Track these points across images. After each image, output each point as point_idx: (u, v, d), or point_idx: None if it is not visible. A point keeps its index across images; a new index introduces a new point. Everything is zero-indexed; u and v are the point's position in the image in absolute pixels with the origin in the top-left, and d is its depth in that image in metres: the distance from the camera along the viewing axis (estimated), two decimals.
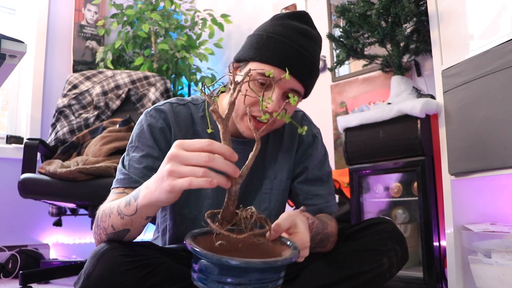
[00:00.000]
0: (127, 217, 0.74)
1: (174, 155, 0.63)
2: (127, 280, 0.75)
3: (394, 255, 0.91)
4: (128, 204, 0.73)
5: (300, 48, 0.88)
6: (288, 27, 0.90)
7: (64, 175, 1.65)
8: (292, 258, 0.63)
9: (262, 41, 0.89)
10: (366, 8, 1.77)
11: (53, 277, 1.97)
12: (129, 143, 0.96)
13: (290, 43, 0.88)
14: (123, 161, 0.94)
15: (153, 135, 0.94)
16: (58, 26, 2.84)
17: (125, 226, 0.76)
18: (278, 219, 0.72)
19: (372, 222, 0.96)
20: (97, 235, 0.82)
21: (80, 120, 2.12)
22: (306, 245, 0.72)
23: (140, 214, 0.72)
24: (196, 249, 0.60)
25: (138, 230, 0.78)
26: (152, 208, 0.71)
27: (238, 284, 0.60)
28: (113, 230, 0.78)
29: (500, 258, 1.28)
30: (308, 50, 0.90)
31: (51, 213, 2.13)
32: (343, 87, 2.37)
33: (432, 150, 1.60)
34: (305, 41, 0.90)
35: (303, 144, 1.07)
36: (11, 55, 1.01)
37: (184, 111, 0.99)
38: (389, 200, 1.82)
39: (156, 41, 2.78)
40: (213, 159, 0.61)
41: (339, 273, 0.87)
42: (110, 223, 0.77)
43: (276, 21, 0.93)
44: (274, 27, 0.91)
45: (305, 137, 1.07)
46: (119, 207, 0.75)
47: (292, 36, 0.89)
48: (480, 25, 1.42)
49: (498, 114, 1.30)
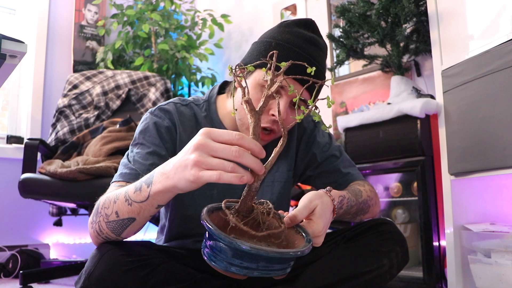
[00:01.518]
0: (136, 203, 0.70)
1: (202, 145, 0.60)
2: (128, 280, 0.74)
3: (394, 256, 0.91)
4: (139, 189, 0.70)
5: (309, 57, 0.89)
6: (296, 35, 0.91)
7: (64, 175, 1.65)
8: (305, 250, 0.63)
9: (271, 48, 0.89)
10: (366, 8, 1.77)
11: (53, 277, 1.97)
12: (133, 141, 0.95)
13: (299, 51, 0.89)
14: (128, 156, 0.92)
15: (160, 134, 0.93)
16: (58, 26, 2.84)
17: (132, 214, 0.72)
18: (298, 206, 0.73)
19: (373, 223, 0.96)
20: (95, 223, 0.78)
21: (80, 120, 2.12)
22: (318, 234, 0.72)
23: (151, 201, 0.69)
24: (210, 227, 0.59)
25: (143, 221, 0.75)
26: (166, 195, 0.68)
27: (245, 268, 0.60)
28: (116, 217, 0.74)
29: (499, 258, 1.28)
30: (316, 59, 0.90)
31: (51, 213, 2.13)
32: (343, 87, 2.37)
33: (432, 150, 1.60)
34: (313, 50, 0.90)
35: (305, 133, 1.07)
36: (11, 55, 1.01)
37: (188, 111, 0.99)
38: (389, 200, 1.82)
39: (156, 41, 2.79)
40: (243, 154, 0.59)
41: (340, 273, 0.87)
42: (114, 209, 0.73)
43: (284, 28, 0.93)
44: (282, 35, 0.91)
45: (306, 125, 1.08)
46: (127, 193, 0.72)
47: (301, 45, 0.89)
48: (480, 25, 1.43)
49: (498, 114, 1.30)
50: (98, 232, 0.78)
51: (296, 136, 1.07)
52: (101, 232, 0.78)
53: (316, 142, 1.08)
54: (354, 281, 0.86)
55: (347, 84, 2.35)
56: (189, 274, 0.83)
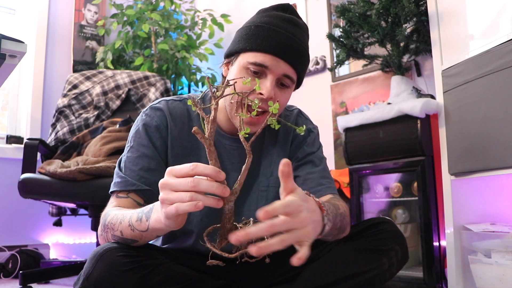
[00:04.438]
0: (138, 231, 0.75)
1: (164, 183, 0.64)
2: (127, 280, 0.74)
3: (394, 255, 0.91)
4: (140, 220, 0.74)
5: (290, 35, 0.88)
6: (275, 16, 0.91)
7: (64, 175, 1.65)
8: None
9: (251, 31, 0.90)
10: (366, 8, 1.77)
11: (53, 277, 1.97)
12: (127, 143, 0.96)
13: (280, 30, 0.88)
14: (120, 163, 0.94)
15: (148, 134, 0.93)
16: (58, 26, 2.84)
17: (134, 237, 0.77)
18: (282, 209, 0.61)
19: (372, 222, 0.95)
20: (104, 232, 0.82)
21: (80, 120, 2.12)
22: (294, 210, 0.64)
23: (151, 232, 0.74)
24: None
25: (146, 242, 0.80)
26: (162, 231, 0.73)
27: None
28: (121, 235, 0.78)
29: (500, 258, 1.28)
30: (297, 36, 0.90)
31: (51, 213, 2.13)
32: (343, 87, 2.37)
33: (432, 150, 1.60)
34: (294, 28, 0.90)
35: (297, 138, 1.06)
36: (11, 55, 1.01)
37: (181, 107, 0.98)
38: (389, 200, 1.82)
39: (156, 41, 2.78)
40: (198, 183, 0.62)
41: (339, 273, 0.87)
42: (119, 229, 0.78)
43: (262, 13, 0.94)
44: (261, 18, 0.92)
45: (298, 133, 1.06)
46: (131, 220, 0.76)
47: (280, 24, 0.89)
48: (480, 25, 1.42)
49: (498, 114, 1.30)
50: (107, 241, 0.83)
51: (290, 142, 1.05)
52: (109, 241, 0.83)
53: (303, 148, 1.05)
54: (354, 280, 0.86)
55: (347, 84, 2.35)
56: (188, 275, 0.83)
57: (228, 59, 0.94)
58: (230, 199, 0.65)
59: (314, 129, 1.08)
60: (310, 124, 1.09)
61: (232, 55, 0.92)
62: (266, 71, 0.87)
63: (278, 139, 1.04)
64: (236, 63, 0.91)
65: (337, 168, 2.32)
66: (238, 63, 0.90)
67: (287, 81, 0.90)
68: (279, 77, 0.88)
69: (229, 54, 0.94)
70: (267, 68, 0.86)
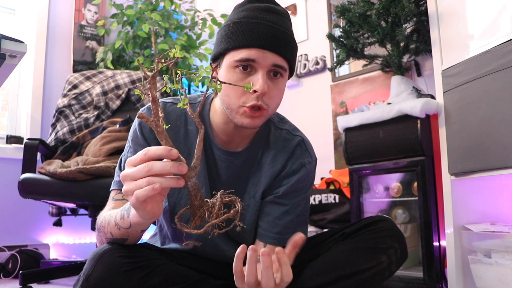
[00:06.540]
0: (123, 229, 0.76)
1: (124, 175, 0.64)
2: (127, 281, 0.74)
3: (393, 253, 0.91)
4: (123, 218, 0.75)
5: (271, 23, 0.86)
6: (251, 9, 0.88)
7: (64, 175, 1.65)
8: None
9: (230, 30, 0.87)
10: (366, 8, 1.77)
11: (53, 277, 1.97)
12: (127, 143, 0.97)
13: (259, 21, 0.85)
14: (120, 162, 0.95)
15: (144, 134, 0.93)
16: (58, 26, 2.83)
17: (123, 236, 0.78)
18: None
19: (371, 221, 0.95)
20: (99, 236, 0.84)
21: (80, 120, 2.12)
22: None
23: (134, 228, 0.75)
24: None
25: (136, 239, 0.81)
26: (143, 225, 0.74)
27: None
28: (111, 236, 0.80)
29: (500, 258, 1.28)
30: (278, 24, 0.87)
31: (51, 213, 2.13)
32: (343, 87, 2.37)
33: (432, 150, 1.60)
34: (273, 17, 0.87)
35: (288, 169, 0.99)
36: (11, 55, 1.01)
37: (178, 111, 0.96)
38: (389, 200, 1.82)
39: (156, 41, 2.78)
40: (152, 166, 0.62)
41: (339, 271, 0.87)
42: (109, 230, 0.79)
43: (238, 8, 0.91)
44: (238, 14, 0.89)
45: (292, 163, 0.99)
46: (116, 219, 0.77)
47: (258, 15, 0.86)
48: (480, 25, 1.42)
49: (498, 114, 1.30)
50: (102, 244, 0.84)
51: (280, 169, 0.99)
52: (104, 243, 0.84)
53: (289, 183, 0.98)
54: (353, 278, 0.86)
55: (347, 84, 2.35)
56: (188, 275, 0.83)
57: (215, 63, 0.91)
58: (191, 175, 0.63)
59: (309, 164, 1.00)
60: (307, 158, 1.00)
61: (218, 58, 0.90)
62: (255, 65, 0.84)
63: (270, 160, 0.99)
64: (223, 65, 0.88)
65: (337, 168, 2.32)
66: (225, 64, 0.87)
67: (279, 70, 0.86)
68: (269, 69, 0.85)
69: (214, 58, 0.91)
70: (255, 61, 0.83)
